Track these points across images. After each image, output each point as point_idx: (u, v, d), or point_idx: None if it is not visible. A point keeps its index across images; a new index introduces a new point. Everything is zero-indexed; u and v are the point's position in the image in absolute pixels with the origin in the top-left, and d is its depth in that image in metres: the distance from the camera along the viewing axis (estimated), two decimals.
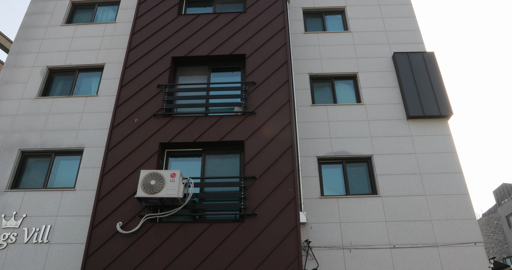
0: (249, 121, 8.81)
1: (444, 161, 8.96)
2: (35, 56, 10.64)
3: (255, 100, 9.09)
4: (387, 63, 10.50)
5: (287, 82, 9.29)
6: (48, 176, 8.85)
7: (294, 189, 7.92)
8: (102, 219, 7.83)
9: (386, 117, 9.60)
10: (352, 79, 10.47)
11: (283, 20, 10.35)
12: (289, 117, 8.80)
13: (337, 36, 11.05)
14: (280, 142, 8.50)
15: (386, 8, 11.53)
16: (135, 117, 9.04)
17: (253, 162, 8.26)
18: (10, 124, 9.51)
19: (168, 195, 7.42)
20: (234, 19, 10.46)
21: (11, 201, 8.44)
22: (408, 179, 8.76)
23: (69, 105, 9.69)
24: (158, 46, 10.13)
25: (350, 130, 9.45)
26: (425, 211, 8.37)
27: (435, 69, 10.06)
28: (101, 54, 10.50)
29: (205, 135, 8.68)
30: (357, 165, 9.23)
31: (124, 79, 9.63)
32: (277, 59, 9.67)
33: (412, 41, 10.84)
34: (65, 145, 9.10)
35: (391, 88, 10.05)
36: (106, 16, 11.53)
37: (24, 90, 10.04)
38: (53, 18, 11.36)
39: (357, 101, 10.09)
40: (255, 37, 10.10)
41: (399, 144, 9.21)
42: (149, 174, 7.63)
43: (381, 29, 11.12)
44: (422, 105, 9.49)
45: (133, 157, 8.52)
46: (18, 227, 8.09)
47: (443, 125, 9.43)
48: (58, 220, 8.13)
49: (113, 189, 8.16)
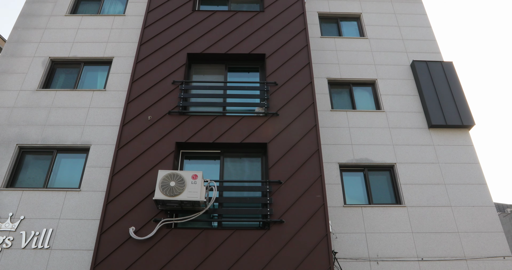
0: (271, 122, 8.34)
1: (467, 172, 8.74)
2: (36, 46, 9.86)
3: (277, 101, 8.65)
4: (406, 71, 10.32)
5: (310, 85, 8.91)
6: (49, 175, 8.05)
7: (323, 196, 7.46)
8: (112, 224, 7.11)
9: (407, 125, 9.35)
10: (371, 85, 10.21)
11: (303, 22, 10.03)
12: (314, 121, 8.39)
13: (354, 42, 10.81)
14: (305, 146, 8.06)
15: (402, 17, 11.43)
16: (148, 114, 8.42)
17: (278, 166, 7.77)
18: (7, 117, 8.67)
19: (189, 198, 6.81)
20: (252, 18, 10.06)
21: (7, 201, 7.58)
22: (433, 189, 8.47)
23: (74, 99, 8.95)
24: (172, 41, 9.59)
25: (371, 137, 9.12)
26: (451, 222, 8.07)
27: (454, 78, 9.93)
28: (109, 47, 9.84)
29: (225, 136, 8.14)
30: (379, 174, 8.88)
31: (135, 74, 9.00)
32: (299, 61, 9.30)
33: (429, 51, 10.73)
34: (69, 142, 8.34)
35: (411, 96, 9.84)
36: (114, 8, 10.91)
37: (23, 81, 9.23)
38: (56, 8, 10.64)
39: (377, 108, 9.81)
40: (274, 37, 9.71)
41: (421, 153, 8.94)
42: (168, 175, 7.01)
43: (398, 37, 10.97)
44: (444, 114, 9.30)
45: (147, 156, 7.86)
46: (15, 230, 7.24)
47: (464, 136, 9.25)
48: (61, 223, 7.33)
49: (124, 191, 7.47)
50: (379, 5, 11.65)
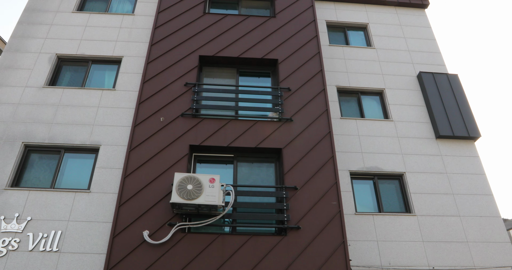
0: (286, 128, 8.31)
1: (474, 182, 8.90)
2: (42, 42, 9.58)
3: (291, 107, 8.64)
4: (412, 81, 10.48)
5: (323, 92, 8.95)
6: (56, 175, 7.77)
7: (338, 203, 7.45)
8: (125, 227, 6.91)
9: (416, 135, 9.47)
10: (378, 95, 10.32)
11: (314, 29, 10.09)
12: (328, 128, 8.41)
13: (362, 51, 10.94)
14: (320, 152, 8.05)
15: (407, 29, 11.64)
16: (160, 116, 8.27)
17: (293, 172, 7.73)
18: (12, 114, 8.36)
19: (207, 202, 6.69)
20: (264, 23, 10.06)
21: (13, 201, 7.27)
22: (442, 199, 8.57)
23: (82, 97, 8.71)
24: (183, 43, 9.48)
25: (381, 146, 9.20)
26: (460, 232, 8.18)
27: (460, 90, 10.15)
28: (118, 46, 9.64)
29: (239, 140, 8.06)
30: (388, 182, 8.95)
31: (147, 74, 8.85)
32: (311, 68, 9.33)
33: (434, 63, 10.95)
34: (77, 141, 8.09)
35: (418, 107, 9.99)
36: (122, 7, 10.72)
37: (29, 78, 8.94)
38: (63, 4, 10.38)
39: (385, 117, 9.92)
40: (286, 43, 9.73)
41: (430, 163, 9.06)
42: (185, 178, 6.87)
43: (404, 48, 11.16)
44: (451, 125, 9.47)
45: (160, 158, 7.70)
46: (21, 231, 6.94)
47: (470, 147, 9.44)
48: (70, 225, 7.07)
49: (137, 193, 7.28)
50: (385, 16, 11.84)
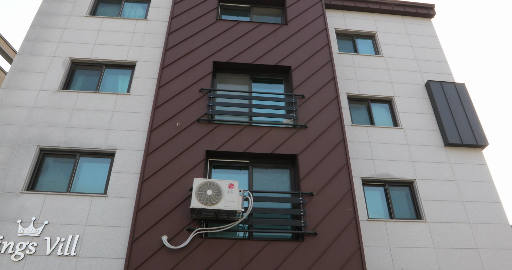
0: (301, 135, 8.41)
1: (483, 190, 9.06)
2: (55, 46, 9.59)
3: (305, 113, 8.75)
4: (421, 90, 10.66)
5: (336, 99, 9.07)
6: (72, 179, 7.77)
7: (354, 209, 7.55)
8: (144, 232, 6.93)
9: (425, 143, 9.62)
10: (388, 102, 10.48)
11: (326, 37, 10.24)
12: (342, 135, 8.53)
13: (371, 59, 11.10)
14: (334, 159, 8.16)
15: (414, 38, 11.84)
16: (176, 121, 8.32)
17: (308, 178, 7.82)
18: (27, 117, 8.35)
19: (227, 207, 6.74)
20: (276, 31, 10.19)
21: (29, 204, 7.26)
22: (451, 206, 8.71)
23: (97, 101, 8.73)
24: (197, 49, 9.56)
25: (391, 153, 9.33)
26: (470, 239, 8.31)
27: (467, 99, 10.35)
28: (132, 51, 9.69)
29: (255, 146, 8.14)
30: (399, 189, 9.07)
31: (161, 80, 8.91)
32: (324, 75, 9.46)
33: (441, 72, 11.15)
34: (93, 145, 8.10)
35: (427, 115, 10.16)
36: (135, 12, 10.78)
37: (43, 81, 8.94)
38: (75, 8, 10.41)
39: (394, 124, 10.06)
40: (299, 50, 9.86)
41: (439, 171, 9.21)
42: (204, 183, 6.93)
43: (412, 57, 11.35)
44: (460, 133, 9.64)
45: (176, 164, 7.75)
46: (39, 235, 6.92)
47: (478, 155, 9.61)
48: (87, 230, 7.07)
49: (155, 198, 7.31)
50: (392, 25, 12.04)
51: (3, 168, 7.63)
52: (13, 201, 7.27)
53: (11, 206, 7.21)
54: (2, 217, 7.06)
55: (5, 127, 8.16)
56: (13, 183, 7.47)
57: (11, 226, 6.98)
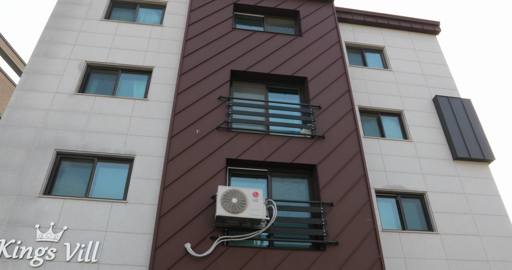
0: (319, 145, 8.51)
1: (491, 203, 9.31)
2: (71, 48, 9.50)
3: (322, 124, 8.87)
4: (429, 104, 10.94)
5: (352, 111, 9.24)
6: (90, 184, 7.65)
7: (373, 220, 7.66)
8: (167, 239, 6.87)
9: (434, 156, 9.85)
10: (397, 116, 10.71)
11: (339, 50, 10.44)
12: (358, 146, 8.67)
13: (380, 73, 11.35)
14: (352, 170, 8.28)
15: (421, 53, 12.18)
16: (195, 128, 8.33)
17: (328, 188, 7.91)
18: (43, 120, 8.21)
19: (252, 215, 6.76)
20: (291, 42, 10.34)
21: (47, 209, 7.11)
22: (462, 218, 8.92)
23: (114, 106, 8.66)
24: (214, 56, 9.62)
25: (403, 165, 9.51)
26: (481, 251, 8.51)
27: (473, 114, 10.67)
28: (148, 56, 9.67)
29: (274, 155, 8.19)
30: (410, 201, 9.23)
31: (180, 86, 8.92)
32: (339, 87, 9.64)
33: (447, 87, 11.47)
34: (111, 150, 8.01)
35: (435, 129, 10.42)
36: (150, 18, 10.78)
37: (59, 84, 8.82)
38: (90, 11, 10.35)
39: (404, 137, 10.28)
40: (314, 62, 10.02)
41: (449, 184, 9.43)
42: (229, 191, 6.93)
43: (419, 72, 11.66)
44: (468, 147, 9.92)
45: (197, 171, 7.73)
46: (58, 241, 6.78)
47: (485, 169, 9.89)
48: (108, 236, 6.96)
49: (177, 205, 7.27)
50: (400, 41, 12.36)
51: (19, 171, 7.47)
52: (30, 205, 7.11)
53: (29, 210, 7.05)
54: (19, 221, 6.89)
55: (21, 129, 8.01)
56: (30, 186, 7.32)
57: (29, 231, 6.82)
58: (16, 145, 7.78)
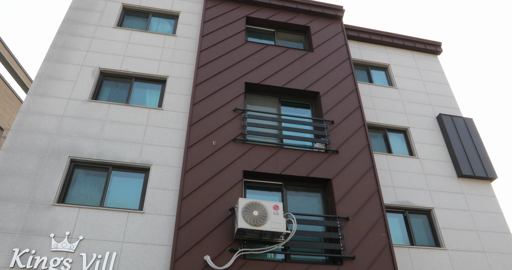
0: (333, 159, 8.61)
1: (494, 220, 9.55)
2: (84, 54, 9.40)
3: (335, 139, 8.99)
4: (433, 122, 11.22)
5: (363, 127, 9.40)
6: (105, 193, 7.52)
7: (387, 235, 7.75)
8: (186, 251, 6.79)
9: (440, 173, 10.08)
10: (403, 133, 10.94)
11: (349, 67, 10.66)
12: (371, 162, 8.81)
13: (386, 90, 11.61)
14: (365, 185, 8.39)
15: (424, 72, 12.53)
16: (211, 139, 8.32)
17: (343, 203, 7.98)
18: (57, 126, 8.06)
19: (273, 228, 6.76)
20: (303, 57, 10.51)
21: (62, 218, 6.94)
22: (467, 235, 9.11)
23: (129, 114, 8.58)
24: (229, 68, 9.68)
25: (410, 182, 9.69)
26: (487, 267, 8.69)
27: (476, 133, 10.99)
28: (162, 66, 9.65)
29: (290, 168, 8.24)
30: (417, 216, 9.39)
31: (196, 97, 8.92)
32: (350, 103, 9.81)
33: (450, 106, 11.81)
34: (127, 159, 7.91)
35: (439, 146, 10.68)
36: (162, 27, 10.79)
37: (72, 90, 8.70)
38: (103, 18, 10.30)
39: (410, 154, 10.49)
40: (325, 77, 10.19)
41: (454, 200, 9.65)
42: (250, 204, 6.93)
43: (423, 90, 11.97)
44: (471, 165, 10.19)
45: (215, 182, 7.70)
46: (74, 251, 6.61)
47: (488, 187, 10.16)
48: (125, 247, 6.83)
49: (195, 217, 7.22)
50: (404, 59, 12.70)
51: (33, 178, 7.30)
52: (44, 213, 6.93)
53: (43, 218, 6.87)
54: (33, 230, 6.71)
55: (34, 135, 7.84)
56: (44, 194, 7.15)
57: (43, 240, 6.63)
58: (29, 151, 7.60)
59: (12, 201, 6.94)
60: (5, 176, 7.19)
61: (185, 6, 11.21)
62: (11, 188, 7.08)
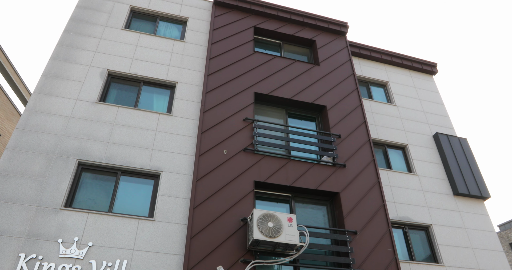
0: (340, 173, 8.71)
1: (487, 238, 9.87)
2: (92, 55, 9.19)
3: (342, 153, 9.11)
4: (430, 140, 11.55)
5: (368, 142, 9.57)
6: (114, 198, 7.31)
7: (393, 250, 7.87)
8: (199, 261, 6.68)
9: (437, 190, 10.36)
10: (402, 149, 11.20)
11: (354, 82, 10.87)
12: (376, 177, 8.96)
13: (385, 107, 11.89)
14: (371, 200, 8.52)
15: (421, 91, 12.92)
16: (222, 148, 8.26)
17: (351, 216, 8.07)
18: (64, 127, 7.81)
19: (288, 240, 6.76)
20: (310, 70, 10.65)
21: (70, 223, 6.69)
22: (464, 252, 9.37)
23: (138, 119, 8.42)
24: (238, 77, 9.69)
25: (409, 198, 9.91)
26: None
27: (470, 153, 11.39)
28: (171, 71, 9.55)
29: (300, 181, 8.28)
30: (416, 232, 9.59)
31: (206, 104, 8.86)
32: (356, 118, 9.98)
33: (444, 125, 12.20)
34: (137, 165, 7.74)
35: (436, 164, 10.99)
36: (170, 32, 10.70)
37: (80, 90, 8.47)
38: (111, 19, 10.12)
39: (408, 170, 10.74)
40: (332, 91, 10.35)
41: (451, 218, 9.92)
42: (265, 215, 6.91)
43: (420, 109, 12.33)
44: (467, 184, 10.53)
45: (226, 192, 7.64)
46: (83, 258, 6.37)
47: (481, 206, 10.51)
48: (135, 255, 6.64)
49: (208, 226, 7.11)
50: (402, 77, 13.06)
51: (39, 180, 7.02)
52: (51, 217, 6.67)
53: (50, 223, 6.60)
54: (40, 234, 6.43)
55: (40, 136, 7.57)
56: (51, 197, 6.88)
57: (51, 246, 6.37)
58: (35, 152, 7.32)
59: (17, 203, 6.64)
60: (10, 177, 6.89)
61: (193, 12, 11.17)
62: (17, 190, 6.79)
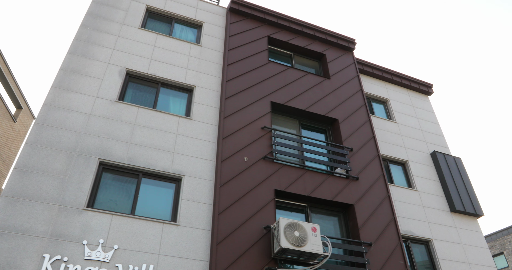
0: (353, 185, 8.91)
1: (481, 254, 10.35)
2: (110, 52, 8.98)
3: (354, 166, 9.33)
4: (427, 158, 12.03)
5: (378, 157, 9.86)
6: (135, 201, 7.13)
7: (405, 262, 8.11)
8: (225, 268, 6.61)
9: (436, 206, 10.78)
10: (402, 165, 11.59)
11: (362, 98, 11.20)
12: (386, 191, 9.23)
13: (387, 123, 12.29)
14: (383, 212, 8.76)
15: (418, 110, 13.46)
16: (242, 155, 8.28)
17: (365, 228, 8.26)
18: (84, 124, 7.57)
19: (313, 250, 6.84)
20: (321, 83, 10.88)
21: (94, 224, 6.46)
22: (461, 267, 9.78)
23: (158, 120, 8.28)
24: (255, 85, 9.77)
25: (411, 212, 10.25)
26: None
27: (464, 172, 11.95)
28: (189, 74, 9.48)
29: (317, 191, 8.40)
30: (417, 246, 9.92)
31: (226, 111, 8.86)
32: (365, 133, 10.27)
33: (440, 144, 12.75)
34: (159, 167, 7.59)
35: (434, 181, 11.44)
36: (186, 35, 10.63)
37: (99, 88, 8.25)
38: (128, 17, 9.94)
39: (409, 186, 11.12)
40: (342, 105, 10.61)
41: (449, 233, 10.34)
42: (291, 224, 6.97)
43: (418, 127, 12.84)
44: (462, 201, 11.02)
45: (249, 199, 7.64)
46: (109, 261, 6.16)
47: (475, 223, 11.03)
48: (161, 260, 6.49)
49: (232, 233, 7.07)
50: (400, 96, 13.56)
51: (61, 178, 6.75)
52: (75, 218, 6.42)
53: (74, 223, 6.35)
54: (64, 235, 6.17)
55: (60, 132, 7.29)
56: (74, 197, 6.63)
57: (76, 247, 6.12)
58: (56, 149, 7.04)
59: (39, 202, 6.35)
60: (31, 173, 6.59)
61: (208, 17, 11.17)
62: (38, 187, 6.49)
